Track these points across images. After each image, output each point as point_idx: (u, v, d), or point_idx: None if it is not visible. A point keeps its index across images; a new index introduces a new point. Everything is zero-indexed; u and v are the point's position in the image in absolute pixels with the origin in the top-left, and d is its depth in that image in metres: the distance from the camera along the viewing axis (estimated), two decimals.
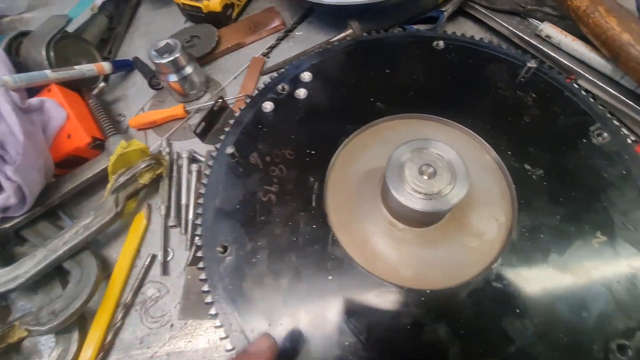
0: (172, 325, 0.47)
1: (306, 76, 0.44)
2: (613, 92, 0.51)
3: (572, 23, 0.55)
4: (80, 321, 0.47)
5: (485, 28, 0.65)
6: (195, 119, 0.62)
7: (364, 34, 0.63)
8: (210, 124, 0.58)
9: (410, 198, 0.31)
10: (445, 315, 0.31)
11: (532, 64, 0.40)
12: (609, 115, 0.38)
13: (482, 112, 0.40)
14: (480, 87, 0.41)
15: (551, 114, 0.39)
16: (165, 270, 0.50)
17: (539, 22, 0.59)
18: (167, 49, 0.58)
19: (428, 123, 0.41)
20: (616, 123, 0.38)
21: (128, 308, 0.49)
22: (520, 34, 0.59)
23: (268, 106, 0.43)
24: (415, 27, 0.63)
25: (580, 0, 0.51)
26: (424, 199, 0.31)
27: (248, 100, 0.44)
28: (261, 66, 0.65)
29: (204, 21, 0.70)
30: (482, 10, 0.63)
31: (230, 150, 0.39)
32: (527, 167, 0.36)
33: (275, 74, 0.46)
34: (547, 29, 0.57)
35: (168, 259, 0.51)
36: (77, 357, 0.44)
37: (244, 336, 0.31)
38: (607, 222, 0.33)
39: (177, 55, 0.57)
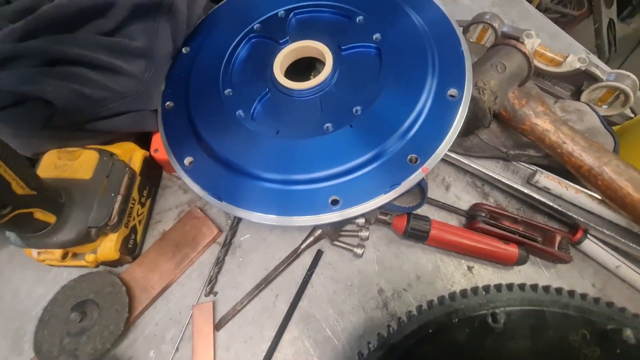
0: None
1: None
2: (632, 244, 0.47)
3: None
4: None
5: (464, 172, 0.55)
6: None
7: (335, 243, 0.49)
8: None
9: None
10: None
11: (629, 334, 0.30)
12: None
13: None
14: None
15: None
16: None
17: (527, 166, 0.52)
18: None
19: None
20: None
21: None
22: (510, 183, 0.51)
23: None
24: (397, 204, 0.50)
25: (579, 158, 0.45)
26: None
27: None
28: (211, 317, 0.45)
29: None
30: (459, 158, 0.53)
31: None
32: None
33: None
34: (544, 180, 0.49)
35: None
36: None
37: None
38: None
39: None
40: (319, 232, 0.47)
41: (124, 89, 0.44)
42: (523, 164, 0.52)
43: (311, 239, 0.47)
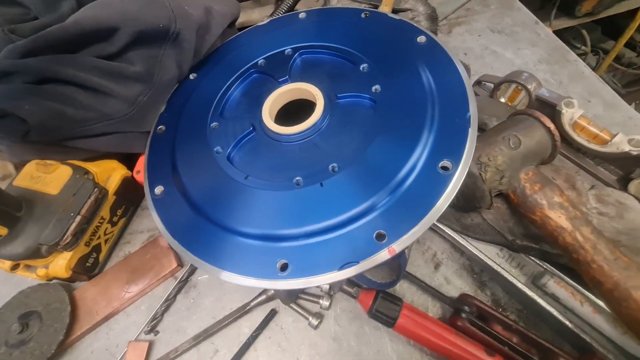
0: None
1: None
2: None
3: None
4: None
5: (460, 252, 0.48)
6: None
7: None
8: None
9: None
10: None
11: None
12: None
13: None
14: None
15: None
16: None
17: (537, 262, 0.43)
18: None
19: None
20: None
21: None
22: (511, 279, 0.42)
23: None
24: (368, 276, 0.43)
25: (600, 272, 0.35)
26: None
27: None
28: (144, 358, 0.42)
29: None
30: (453, 236, 0.46)
31: None
32: None
33: None
34: (553, 286, 0.40)
35: None
36: None
37: None
38: None
39: None
40: (271, 291, 0.43)
41: (112, 111, 0.45)
42: (533, 258, 0.43)
43: (264, 297, 0.43)
